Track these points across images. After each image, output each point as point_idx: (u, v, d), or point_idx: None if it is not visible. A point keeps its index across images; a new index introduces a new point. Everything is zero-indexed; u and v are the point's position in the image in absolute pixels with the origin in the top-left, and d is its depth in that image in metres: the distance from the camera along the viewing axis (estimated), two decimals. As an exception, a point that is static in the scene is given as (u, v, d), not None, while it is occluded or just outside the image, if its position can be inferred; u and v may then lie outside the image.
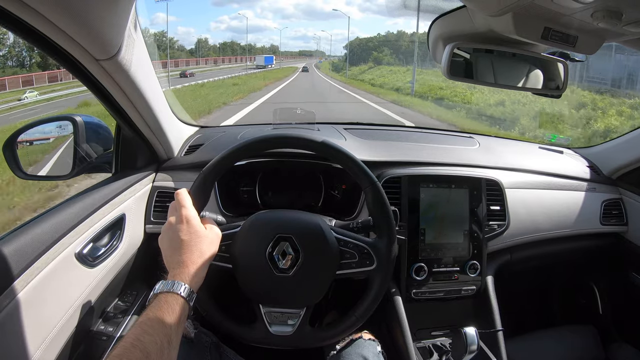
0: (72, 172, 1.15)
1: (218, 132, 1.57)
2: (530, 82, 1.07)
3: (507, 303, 1.33)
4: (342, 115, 12.97)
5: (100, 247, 1.06)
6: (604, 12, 0.76)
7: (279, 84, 30.21)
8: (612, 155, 1.63)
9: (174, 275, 0.76)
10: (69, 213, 0.96)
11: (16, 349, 0.78)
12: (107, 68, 0.91)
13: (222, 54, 76.28)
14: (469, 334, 1.04)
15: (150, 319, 0.67)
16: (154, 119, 1.17)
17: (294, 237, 0.91)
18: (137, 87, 1.02)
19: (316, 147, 0.97)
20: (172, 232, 0.82)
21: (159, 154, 1.33)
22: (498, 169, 1.43)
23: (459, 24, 0.97)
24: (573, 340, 1.58)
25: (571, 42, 0.91)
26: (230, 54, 76.46)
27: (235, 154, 0.94)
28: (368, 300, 0.94)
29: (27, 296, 0.80)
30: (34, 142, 1.20)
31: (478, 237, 1.28)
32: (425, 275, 1.23)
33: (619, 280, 1.66)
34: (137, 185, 1.21)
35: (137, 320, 0.67)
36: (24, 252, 0.81)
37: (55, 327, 0.88)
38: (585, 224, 1.50)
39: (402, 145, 1.49)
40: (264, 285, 0.93)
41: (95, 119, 1.23)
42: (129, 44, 0.91)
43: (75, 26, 0.75)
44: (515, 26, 0.84)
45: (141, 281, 1.26)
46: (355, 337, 1.06)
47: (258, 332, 0.94)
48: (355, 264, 0.92)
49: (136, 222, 1.21)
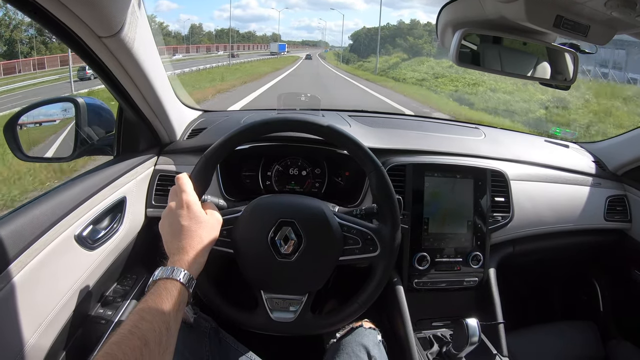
0: (74, 154, 1.14)
1: (221, 116, 1.55)
2: (539, 72, 1.05)
3: (508, 296, 1.33)
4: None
5: (101, 229, 1.04)
6: (619, 1, 0.74)
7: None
8: (618, 151, 1.62)
9: (173, 261, 0.76)
10: (69, 194, 0.95)
11: (12, 332, 0.77)
12: (110, 46, 0.89)
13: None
14: (471, 326, 1.03)
15: (148, 306, 0.67)
16: (157, 100, 1.15)
17: (297, 222, 0.90)
18: (140, 67, 1.00)
19: (320, 131, 0.95)
20: (172, 217, 0.81)
21: (161, 137, 1.32)
22: (503, 160, 1.42)
23: (469, 10, 0.95)
24: (573, 335, 1.58)
25: (583, 32, 0.89)
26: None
27: (237, 137, 0.93)
28: (371, 286, 0.93)
29: (25, 278, 0.79)
30: (36, 123, 1.19)
31: (481, 228, 1.27)
32: (427, 265, 1.23)
33: (620, 277, 1.65)
34: (138, 168, 1.20)
35: (136, 307, 0.67)
36: (22, 234, 0.80)
37: (53, 310, 0.87)
38: (589, 219, 1.49)
39: (408, 134, 1.48)
40: (265, 271, 0.92)
41: (97, 101, 1.21)
42: (132, 21, 0.89)
43: (78, 1, 0.74)
44: (527, 13, 0.82)
45: (141, 265, 1.26)
46: (356, 326, 1.05)
47: (259, 318, 0.93)
48: (358, 249, 0.91)
49: (137, 206, 1.20)
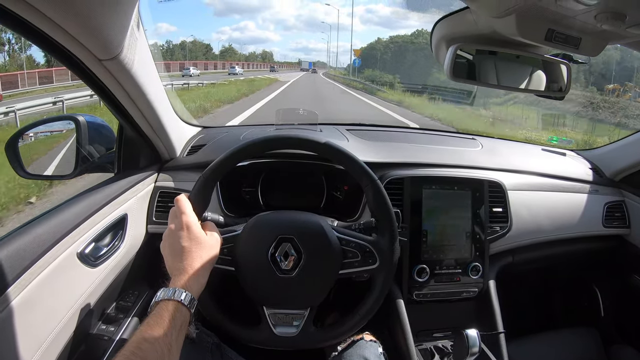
0: (75, 171, 1.15)
1: (221, 132, 1.57)
2: (534, 84, 1.06)
3: (508, 305, 1.33)
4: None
5: (102, 246, 1.05)
6: (608, 13, 0.76)
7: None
8: (615, 157, 1.63)
9: (175, 282, 0.77)
10: (71, 212, 0.96)
11: (15, 351, 0.77)
12: (110, 68, 0.91)
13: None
14: (471, 336, 1.03)
15: (150, 327, 0.68)
16: (157, 119, 1.17)
17: (296, 237, 0.91)
18: (140, 87, 1.02)
19: (316, 148, 0.97)
20: (172, 238, 0.83)
21: (162, 154, 1.33)
22: (501, 170, 1.43)
23: (462, 25, 0.97)
24: (574, 342, 1.57)
25: (574, 44, 0.90)
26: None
27: (236, 156, 0.94)
28: (372, 298, 0.94)
29: (27, 296, 0.79)
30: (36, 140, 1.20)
31: (480, 239, 1.28)
32: (427, 277, 1.23)
33: (620, 283, 1.65)
34: (139, 185, 1.21)
35: (138, 328, 0.68)
36: (25, 252, 0.80)
37: (56, 328, 0.87)
38: (587, 226, 1.50)
39: (405, 147, 1.49)
40: (266, 287, 0.93)
41: (98, 119, 1.23)
42: (131, 43, 0.91)
43: (78, 27, 0.76)
44: (519, 28, 0.83)
45: (142, 281, 1.26)
46: (357, 339, 1.06)
47: (263, 333, 0.94)
48: (357, 263, 0.92)
49: (138, 222, 1.21)
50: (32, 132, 1.19)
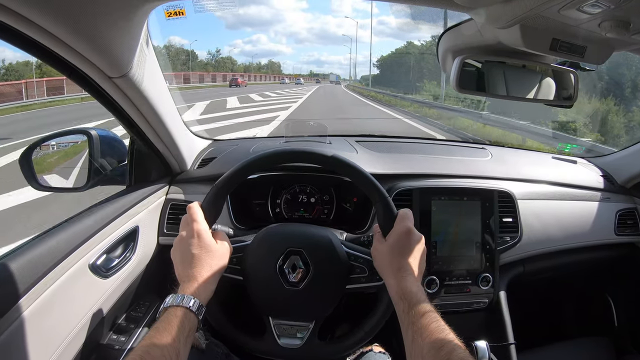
0: (87, 184, 1.17)
1: (231, 145, 1.58)
2: (543, 93, 1.06)
3: (519, 315, 1.31)
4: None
5: (114, 258, 1.07)
6: (612, 22, 0.76)
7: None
8: (626, 164, 1.61)
9: (183, 289, 0.78)
10: (84, 224, 0.98)
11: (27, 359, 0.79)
12: (120, 85, 0.93)
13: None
14: (480, 348, 1.02)
15: (159, 333, 0.69)
16: (167, 133, 1.19)
17: (305, 251, 0.91)
18: (150, 103, 1.04)
19: (326, 162, 0.97)
20: (183, 245, 0.84)
21: (173, 167, 1.35)
22: (510, 180, 1.42)
23: (467, 36, 0.97)
24: (587, 352, 1.55)
25: (580, 53, 0.90)
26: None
27: (246, 169, 0.95)
28: (377, 315, 0.94)
29: (40, 306, 0.81)
30: (50, 153, 1.23)
31: (490, 249, 1.26)
32: (437, 288, 1.22)
33: (634, 291, 1.62)
34: (150, 198, 1.23)
35: (146, 334, 0.69)
36: (38, 263, 0.82)
37: (67, 338, 0.89)
38: (599, 234, 1.48)
39: (414, 158, 1.49)
40: (273, 298, 0.93)
41: (110, 133, 1.25)
42: (140, 60, 0.93)
43: (89, 47, 0.78)
44: (523, 38, 0.84)
45: (153, 292, 1.28)
46: (366, 350, 1.06)
47: (267, 343, 0.94)
48: (365, 278, 0.92)
49: (149, 234, 1.23)
50: (45, 144, 1.22)
